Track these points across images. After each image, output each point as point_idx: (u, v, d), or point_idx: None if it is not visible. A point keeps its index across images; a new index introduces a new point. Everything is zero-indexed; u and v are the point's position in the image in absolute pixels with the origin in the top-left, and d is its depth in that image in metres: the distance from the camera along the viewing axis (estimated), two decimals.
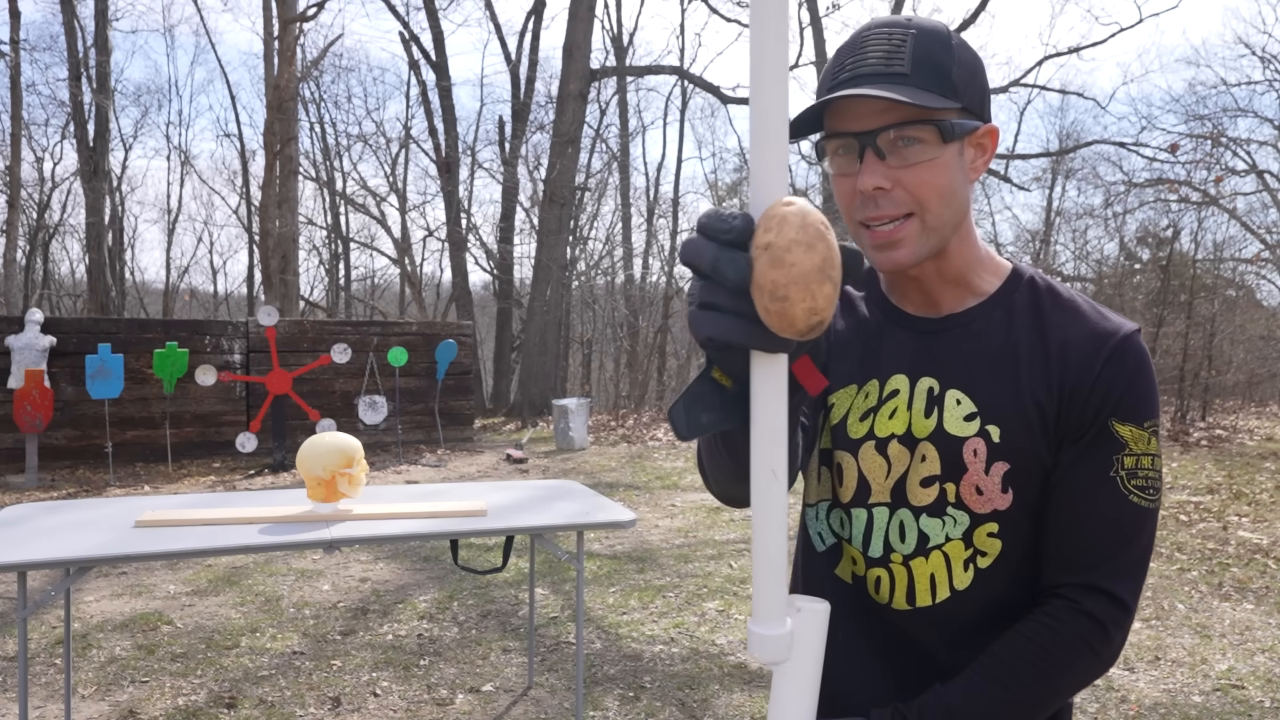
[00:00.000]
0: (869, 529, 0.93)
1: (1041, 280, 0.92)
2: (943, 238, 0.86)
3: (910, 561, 0.90)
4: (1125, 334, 0.86)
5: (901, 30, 0.83)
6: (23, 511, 2.65)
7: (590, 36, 13.42)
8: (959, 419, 0.88)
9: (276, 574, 4.73)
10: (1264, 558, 5.08)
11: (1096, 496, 0.85)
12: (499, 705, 3.10)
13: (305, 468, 2.55)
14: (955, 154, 0.84)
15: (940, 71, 0.82)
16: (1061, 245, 18.35)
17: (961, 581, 0.89)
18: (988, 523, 0.88)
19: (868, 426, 0.92)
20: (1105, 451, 0.85)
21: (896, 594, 0.92)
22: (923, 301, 0.93)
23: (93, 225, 16.15)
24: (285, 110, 12.39)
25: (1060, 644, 0.83)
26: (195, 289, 24.56)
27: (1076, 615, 0.84)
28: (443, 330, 10.30)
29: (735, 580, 4.62)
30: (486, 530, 2.54)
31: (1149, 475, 0.86)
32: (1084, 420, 0.85)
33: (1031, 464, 0.87)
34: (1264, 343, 12.31)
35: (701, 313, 0.57)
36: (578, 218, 17.45)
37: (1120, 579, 0.85)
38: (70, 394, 8.26)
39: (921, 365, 0.91)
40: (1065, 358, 0.86)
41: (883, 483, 0.91)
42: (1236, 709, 3.08)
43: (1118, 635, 0.85)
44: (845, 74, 0.83)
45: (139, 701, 3.10)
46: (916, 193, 0.83)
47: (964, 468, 0.87)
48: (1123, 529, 0.85)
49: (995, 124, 0.88)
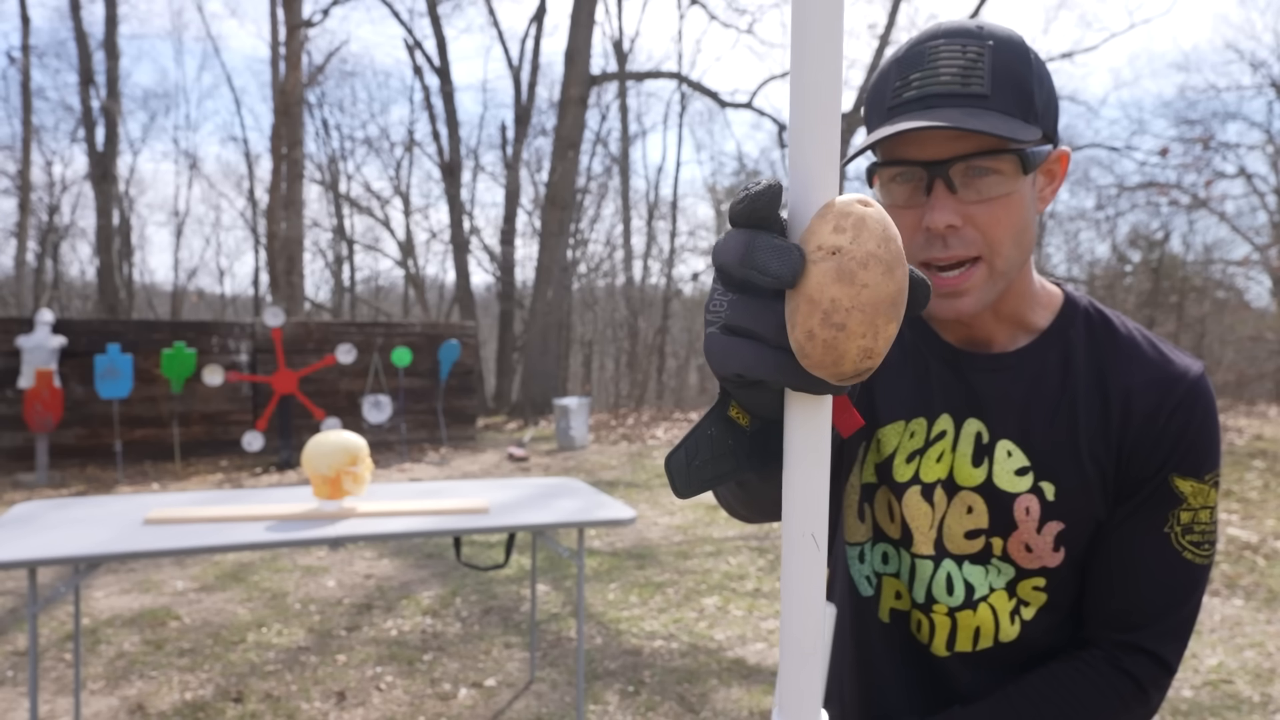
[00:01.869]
0: (913, 575, 0.86)
1: (1096, 313, 0.83)
2: (1009, 280, 0.77)
3: (956, 614, 0.84)
4: (1192, 380, 0.78)
5: (977, 42, 0.71)
6: (33, 509, 2.68)
7: (591, 42, 13.47)
8: (1010, 473, 0.80)
9: (282, 570, 4.79)
10: (1253, 554, 5.12)
11: (1148, 555, 0.78)
12: (501, 700, 3.15)
13: (311, 466, 2.60)
14: (1030, 185, 0.75)
15: (1023, 92, 0.71)
16: (1054, 248, 18.36)
17: (1008, 634, 0.83)
18: (1034, 578, 0.82)
19: (914, 469, 0.85)
20: (1162, 507, 0.78)
21: (936, 640, 0.86)
22: (970, 337, 0.84)
23: (102, 228, 16.25)
24: (291, 115, 12.47)
25: (1093, 696, 0.78)
26: (203, 290, 24.66)
27: (1116, 672, 0.78)
28: (446, 331, 10.36)
29: (733, 576, 4.67)
30: (489, 527, 2.56)
31: (1205, 530, 0.79)
32: (1144, 476, 0.78)
33: (1087, 523, 0.80)
34: (1253, 343, 12.32)
35: (728, 339, 0.42)
36: (579, 220, 17.50)
37: (1166, 641, 0.79)
38: (80, 393, 8.33)
39: (969, 407, 0.83)
40: (1128, 409, 0.78)
41: (926, 532, 0.84)
42: (1226, 703, 3.12)
43: (1156, 696, 0.79)
44: (912, 91, 0.71)
45: (147, 696, 3.16)
46: (989, 232, 0.72)
47: (1014, 525, 0.80)
48: (1174, 590, 0.78)
49: (1066, 147, 0.78)
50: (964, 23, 0.74)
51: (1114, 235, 14.99)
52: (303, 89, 13.41)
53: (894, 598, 0.89)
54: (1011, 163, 0.71)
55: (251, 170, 20.75)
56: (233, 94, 31.51)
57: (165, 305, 22.94)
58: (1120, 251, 13.96)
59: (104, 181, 16.21)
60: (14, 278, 15.55)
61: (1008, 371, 0.82)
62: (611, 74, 16.42)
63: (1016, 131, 0.69)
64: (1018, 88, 0.71)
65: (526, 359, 13.91)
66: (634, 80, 17.47)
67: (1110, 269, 13.53)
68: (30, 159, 15.85)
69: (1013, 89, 0.71)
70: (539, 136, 17.22)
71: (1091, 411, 0.79)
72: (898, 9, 14.37)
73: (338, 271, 22.25)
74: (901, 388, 0.86)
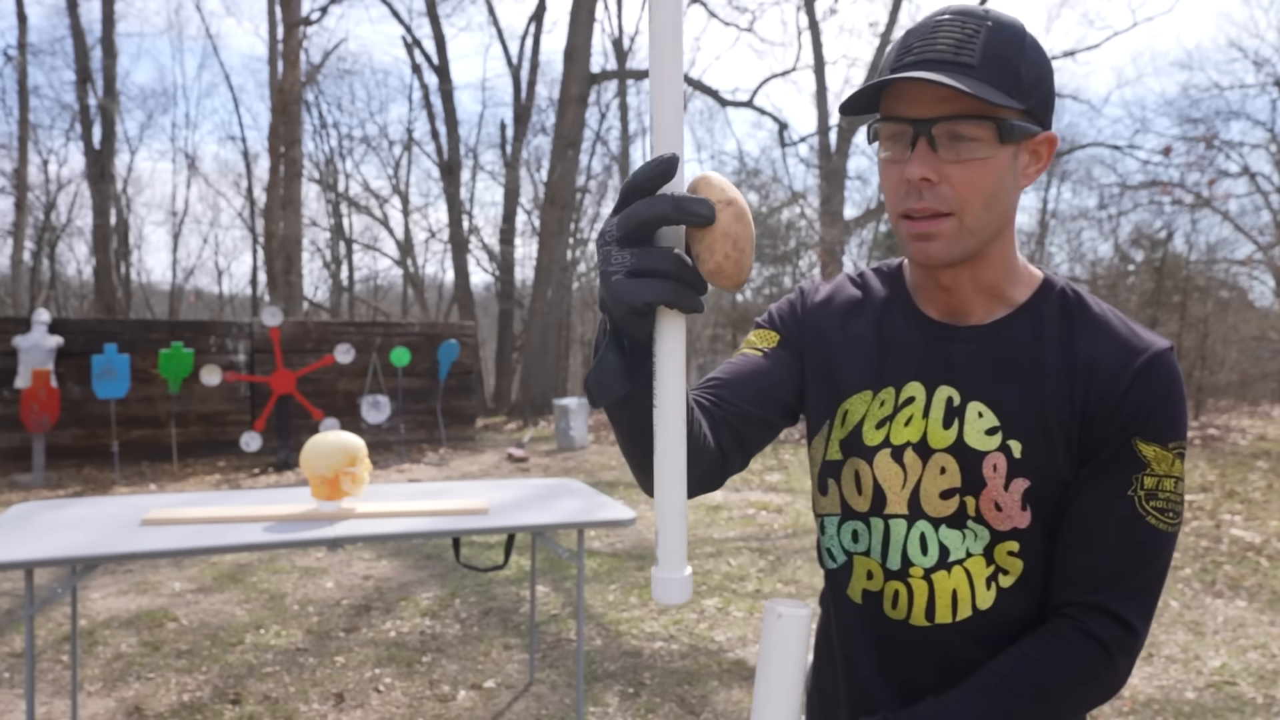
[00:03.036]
0: (886, 540, 0.88)
1: (1072, 292, 0.88)
2: (980, 240, 0.82)
3: (932, 575, 0.86)
4: (1156, 351, 0.82)
5: (976, 21, 0.79)
6: (29, 509, 2.67)
7: (590, 40, 13.45)
8: (980, 432, 0.85)
9: (280, 571, 4.77)
10: (1256, 555, 5.11)
11: (1111, 515, 0.81)
12: (500, 701, 3.14)
13: (309, 466, 2.58)
14: (1009, 157, 0.80)
15: (1009, 68, 0.78)
16: (1056, 247, 18.38)
17: (984, 600, 0.85)
18: (1008, 540, 0.85)
19: (884, 434, 0.89)
20: (1125, 470, 0.81)
21: (915, 609, 0.87)
22: (950, 309, 0.89)
23: (99, 227, 16.22)
24: (289, 113, 12.44)
25: (1062, 665, 0.80)
26: (200, 290, 24.64)
27: (1080, 636, 0.80)
28: (445, 331, 10.34)
29: (734, 578, 4.66)
30: (488, 528, 2.55)
31: (1170, 498, 0.81)
32: (1107, 437, 0.82)
33: (1052, 482, 0.83)
34: (1256, 343, 12.33)
35: (637, 280, 0.59)
36: (578, 220, 17.49)
37: (1129, 602, 0.81)
38: (77, 394, 8.31)
39: (941, 373, 0.88)
40: (1093, 373, 0.83)
41: (899, 492, 0.88)
42: (1229, 705, 3.11)
43: (1123, 660, 0.81)
44: (911, 56, 0.79)
45: (144, 697, 3.14)
46: (961, 191, 0.79)
47: (983, 482, 0.84)
48: (1135, 550, 0.81)
49: (1055, 132, 0.83)
50: (972, 6, 0.82)
51: (1117, 235, 15.02)
52: (301, 88, 13.39)
53: (865, 578, 0.91)
54: (989, 130, 0.78)
55: (249, 169, 20.75)
56: (231, 93, 31.58)
57: (163, 305, 22.91)
58: (1123, 251, 13.99)
59: (101, 180, 16.17)
60: (10, 277, 15.52)
61: (981, 340, 0.87)
62: (611, 72, 16.41)
63: (993, 98, 0.76)
64: (1005, 63, 0.78)
65: (526, 359, 13.90)
66: (634, 78, 17.45)
67: (1113, 268, 13.55)
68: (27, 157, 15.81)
69: (999, 64, 0.78)
70: (538, 135, 17.23)
71: (1058, 377, 0.84)
72: (899, 7, 14.36)
73: (336, 271, 22.24)
74: (863, 362, 0.92)
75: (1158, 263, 11.36)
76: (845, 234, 14.40)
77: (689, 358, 18.66)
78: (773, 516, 6.24)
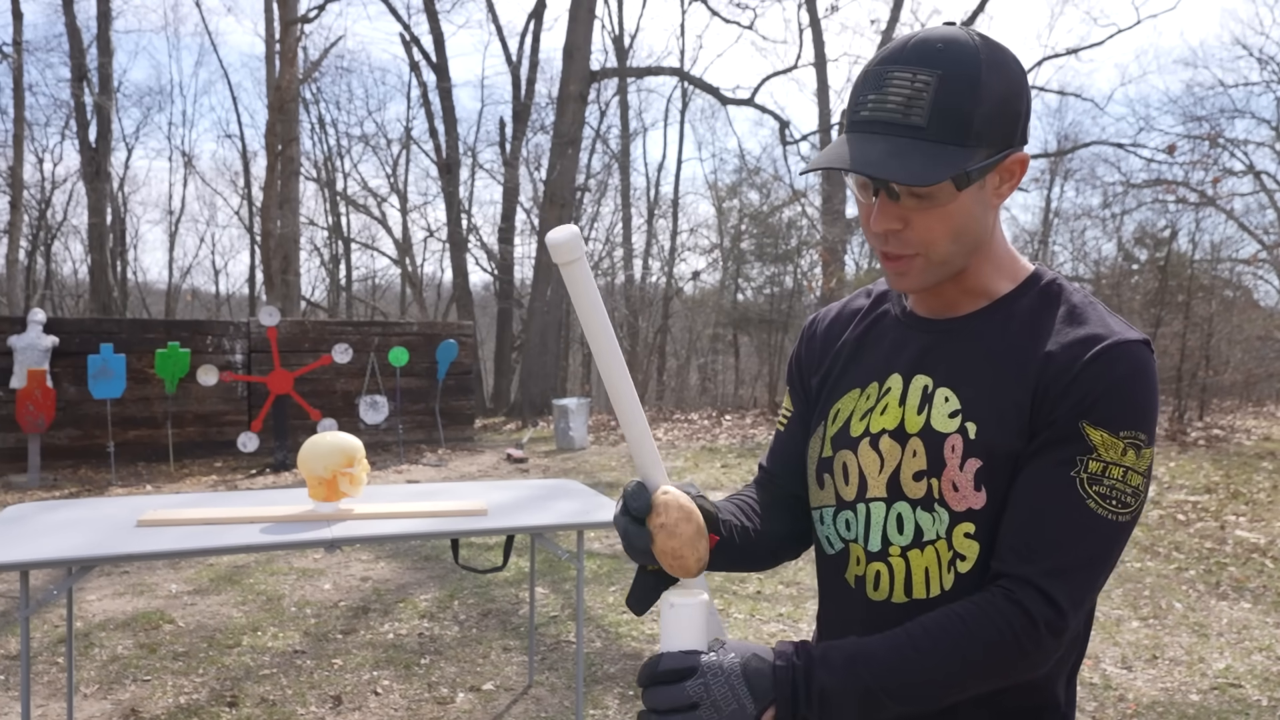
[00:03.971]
0: (868, 524, 0.93)
1: (1056, 286, 0.90)
2: (954, 267, 0.87)
3: (908, 553, 0.90)
4: (1118, 339, 0.83)
5: (928, 70, 0.80)
6: (25, 511, 2.66)
7: (590, 38, 13.43)
8: (945, 416, 0.88)
9: (278, 573, 4.74)
10: (1261, 557, 5.10)
11: (1050, 492, 0.82)
12: (499, 704, 3.12)
13: (307, 467, 2.56)
14: (974, 192, 0.83)
15: (960, 122, 0.79)
16: (1060, 246, 18.40)
17: (948, 582, 0.88)
18: (965, 522, 0.87)
19: (865, 425, 0.94)
20: (1070, 450, 0.82)
21: (896, 587, 0.91)
22: (938, 308, 0.94)
23: (95, 226, 16.19)
24: (287, 111, 12.40)
25: (985, 625, 0.80)
26: (197, 289, 24.60)
27: (1009, 605, 0.80)
28: (443, 330, 10.32)
29: (734, 579, 4.64)
30: (487, 530, 2.55)
31: (1116, 486, 0.81)
32: (1055, 418, 0.83)
33: (1004, 462, 0.85)
34: (1261, 343, 12.33)
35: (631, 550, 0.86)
36: (578, 218, 17.47)
37: (1057, 580, 0.80)
38: (72, 394, 8.27)
39: (919, 364, 0.92)
40: (1051, 358, 0.84)
41: (878, 477, 0.92)
42: (1234, 708, 3.10)
43: (1048, 639, 0.81)
44: (864, 113, 0.82)
45: (141, 700, 3.11)
46: (923, 235, 0.83)
47: (944, 463, 0.87)
48: (1070, 531, 0.81)
49: (1025, 151, 0.85)
50: (927, 46, 0.81)
51: (1120, 233, 15.02)
52: (298, 85, 13.35)
53: (856, 563, 0.95)
54: (944, 185, 0.81)
55: (246, 168, 20.70)
56: (229, 90, 31.41)
57: (159, 304, 22.85)
58: (1127, 250, 13.96)
59: (97, 179, 16.13)
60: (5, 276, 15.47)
61: (954, 331, 0.91)
62: (611, 70, 16.39)
63: (945, 161, 0.79)
64: (955, 116, 0.79)
65: (525, 359, 13.87)
66: (634, 76, 17.44)
67: (1117, 267, 13.53)
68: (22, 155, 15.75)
69: (950, 118, 0.79)
70: (538, 133, 17.17)
71: (1021, 363, 0.86)
72: (900, 4, 14.36)
73: (334, 270, 22.21)
74: (853, 367, 0.99)
75: (1162, 262, 11.35)
76: (847, 233, 14.39)
77: (689, 358, 18.66)
78: None
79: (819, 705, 0.78)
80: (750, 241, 16.71)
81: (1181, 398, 10.81)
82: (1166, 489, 7.08)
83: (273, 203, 12.64)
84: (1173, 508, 6.37)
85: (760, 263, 16.20)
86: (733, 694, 0.76)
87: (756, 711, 0.77)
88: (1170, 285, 10.97)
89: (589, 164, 18.06)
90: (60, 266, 22.39)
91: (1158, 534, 5.67)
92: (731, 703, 0.76)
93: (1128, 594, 4.42)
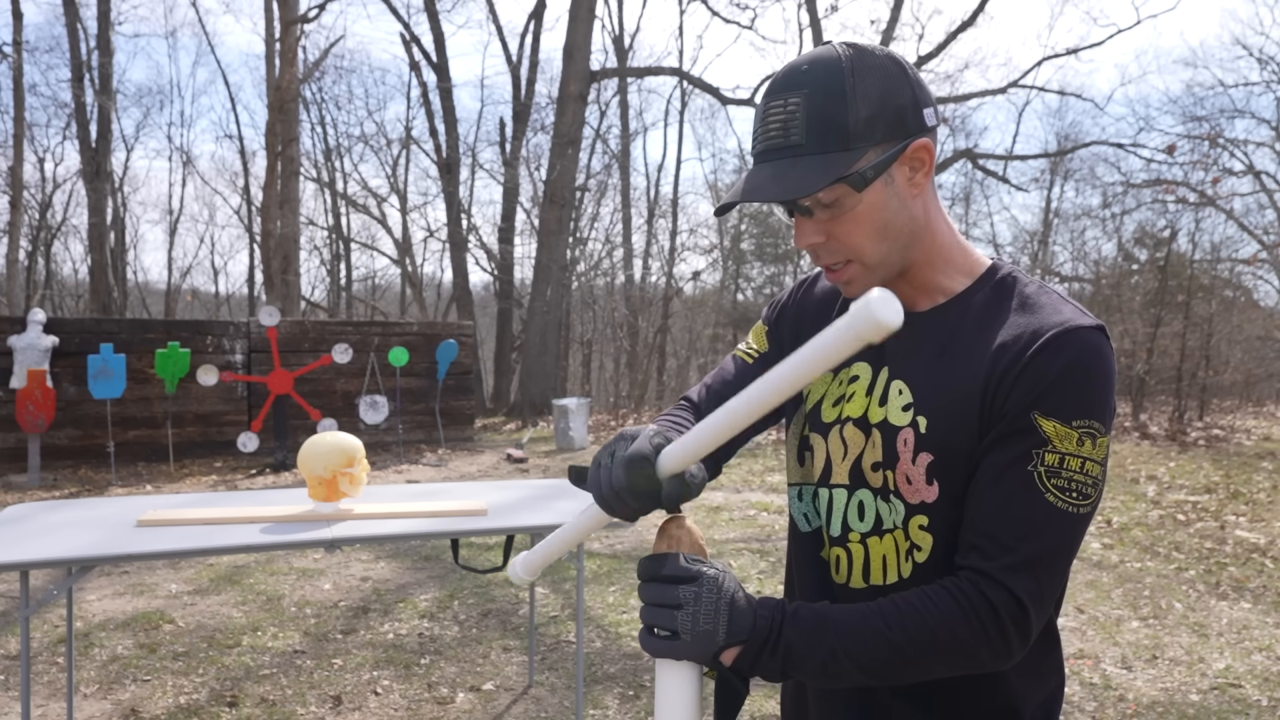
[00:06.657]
0: (830, 508, 0.95)
1: (1013, 279, 0.90)
2: (892, 265, 0.89)
3: (867, 540, 0.92)
4: (1068, 326, 0.82)
5: (796, 92, 0.84)
6: (25, 511, 2.66)
7: (590, 38, 13.43)
8: (899, 409, 0.90)
9: (278, 573, 4.74)
10: (1261, 557, 5.10)
11: (1009, 486, 0.81)
12: (499, 704, 3.11)
13: (306, 467, 2.56)
14: (881, 188, 0.85)
15: (836, 129, 0.82)
16: (1060, 246, 18.40)
17: (905, 570, 0.90)
18: (919, 514, 0.88)
19: (838, 412, 0.96)
20: (1025, 443, 0.81)
21: (854, 572, 0.93)
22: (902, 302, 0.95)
23: (95, 226, 16.18)
24: (286, 111, 12.40)
25: (952, 609, 0.80)
26: (197, 289, 24.61)
27: (977, 594, 0.81)
28: (443, 330, 10.31)
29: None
30: (487, 530, 2.55)
31: (1075, 478, 0.81)
32: (1007, 411, 0.82)
33: (957, 457, 0.85)
34: (1261, 343, 12.34)
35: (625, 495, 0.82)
36: (578, 218, 17.46)
37: (1019, 574, 0.80)
38: (72, 394, 8.28)
39: (883, 357, 0.94)
40: (1002, 349, 0.84)
41: (841, 464, 0.94)
42: (1234, 708, 3.10)
43: (1014, 633, 0.80)
44: (759, 146, 0.87)
45: (141, 700, 3.11)
46: (846, 241, 0.87)
47: (897, 456, 0.88)
48: (1029, 525, 0.80)
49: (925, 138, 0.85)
50: (794, 71, 0.85)
51: (1120, 233, 15.04)
52: (298, 85, 13.35)
53: (823, 545, 0.98)
54: (842, 188, 0.84)
55: (246, 168, 20.71)
56: (228, 90, 31.47)
57: (159, 304, 22.86)
58: (1126, 250, 13.98)
59: (97, 179, 16.13)
60: (5, 276, 15.47)
61: (912, 325, 0.92)
62: (611, 70, 16.38)
63: (825, 169, 0.81)
64: (830, 125, 0.82)
65: (525, 359, 13.87)
66: (634, 76, 17.43)
67: (1116, 267, 13.54)
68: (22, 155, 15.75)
69: (825, 129, 0.82)
70: (538, 133, 17.18)
71: (973, 357, 0.86)
72: (900, 4, 14.34)
73: (334, 270, 22.22)
74: None
75: (1161, 262, 11.36)
76: None
77: (689, 358, 18.65)
78: (774, 518, 6.21)
79: (782, 658, 0.80)
80: (750, 241, 16.71)
81: (1181, 398, 10.81)
82: (1166, 489, 7.08)
83: (273, 203, 12.64)
84: (1173, 508, 6.37)
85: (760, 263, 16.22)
86: (715, 616, 0.79)
87: (724, 644, 0.79)
88: (1170, 285, 10.98)
89: (589, 164, 18.06)
90: (60, 266, 22.42)
91: (1158, 534, 5.67)
92: (709, 623, 0.78)
93: (1128, 594, 4.42)
